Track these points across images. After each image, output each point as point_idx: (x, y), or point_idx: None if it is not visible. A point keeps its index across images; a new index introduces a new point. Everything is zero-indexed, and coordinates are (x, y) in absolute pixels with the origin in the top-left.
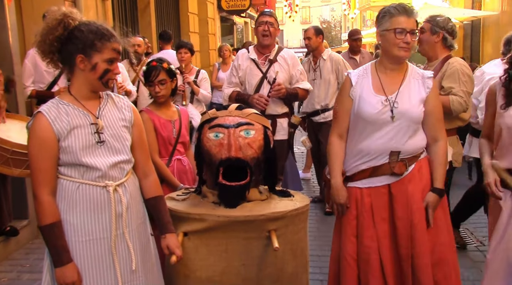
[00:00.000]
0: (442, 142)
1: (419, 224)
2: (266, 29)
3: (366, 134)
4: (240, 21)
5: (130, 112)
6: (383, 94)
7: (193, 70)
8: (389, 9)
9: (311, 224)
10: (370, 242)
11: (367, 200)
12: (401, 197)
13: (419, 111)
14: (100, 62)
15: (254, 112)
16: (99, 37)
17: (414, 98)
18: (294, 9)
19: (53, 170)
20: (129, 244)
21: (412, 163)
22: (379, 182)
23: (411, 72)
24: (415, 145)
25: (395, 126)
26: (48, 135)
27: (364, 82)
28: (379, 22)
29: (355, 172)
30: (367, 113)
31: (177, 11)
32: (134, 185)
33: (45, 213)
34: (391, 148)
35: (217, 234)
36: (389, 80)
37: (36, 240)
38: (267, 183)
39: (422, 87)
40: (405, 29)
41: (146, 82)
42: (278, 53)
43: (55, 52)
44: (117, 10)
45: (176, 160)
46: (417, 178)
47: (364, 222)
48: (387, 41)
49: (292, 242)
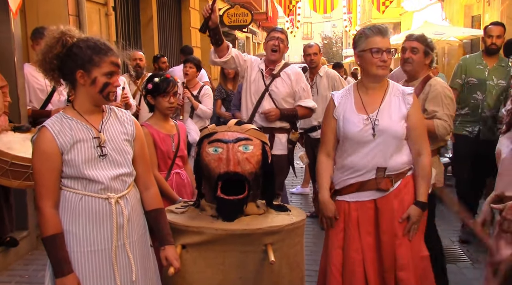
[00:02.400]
0: (425, 156)
1: (403, 238)
2: (276, 45)
3: (352, 151)
4: (241, 36)
5: (132, 126)
6: (365, 113)
7: (197, 85)
8: (364, 31)
9: (308, 239)
10: (356, 254)
11: (354, 214)
12: (387, 212)
13: (400, 127)
14: (99, 76)
15: (253, 127)
16: (96, 52)
17: (395, 114)
18: (295, 24)
19: (56, 183)
20: (129, 255)
21: (398, 179)
22: (366, 197)
23: (392, 89)
24: (400, 161)
25: (378, 143)
26: (52, 149)
27: (347, 102)
28: (356, 44)
29: (344, 186)
30: (350, 131)
31: (180, 25)
32: (135, 197)
33: (48, 225)
34: (377, 164)
35: (215, 247)
36: (370, 99)
37: (35, 251)
38: (265, 197)
39: (403, 103)
40: (381, 49)
41: (160, 93)
42: (282, 69)
43: (55, 70)
44: (120, 25)
45: (174, 174)
46: (403, 193)
47: (351, 235)
48: (365, 61)
49: (289, 256)
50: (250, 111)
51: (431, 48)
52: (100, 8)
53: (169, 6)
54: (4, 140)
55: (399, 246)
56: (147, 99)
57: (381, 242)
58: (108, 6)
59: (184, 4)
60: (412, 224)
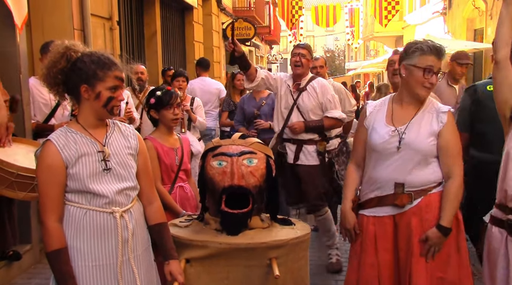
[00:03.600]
0: (454, 180)
1: (418, 258)
2: (298, 60)
3: (375, 163)
4: (245, 50)
5: (135, 140)
6: (393, 125)
7: (187, 97)
8: (422, 46)
9: (312, 253)
10: (371, 270)
11: (371, 229)
12: (404, 229)
13: (427, 143)
14: (103, 91)
15: (257, 141)
16: (100, 66)
17: (424, 130)
18: (298, 38)
19: (60, 197)
20: (134, 270)
21: (419, 197)
22: (384, 212)
23: (427, 106)
24: (423, 178)
25: (400, 157)
26: (57, 163)
27: (379, 113)
28: (408, 55)
29: (365, 200)
30: (374, 142)
31: (183, 39)
32: (139, 211)
33: (52, 239)
34: (395, 178)
35: (219, 261)
36: (402, 112)
37: (38, 265)
38: (269, 211)
39: (435, 121)
40: (433, 69)
41: (164, 106)
42: (308, 82)
43: (60, 84)
44: (125, 39)
45: (178, 187)
46: (423, 212)
47: (367, 249)
48: (413, 77)
49: (293, 270)
50: (281, 125)
51: None
52: (105, 23)
53: (172, 20)
54: (9, 152)
55: (415, 265)
56: (150, 114)
57: (399, 259)
58: (112, 20)
59: (187, 18)
60: (429, 247)
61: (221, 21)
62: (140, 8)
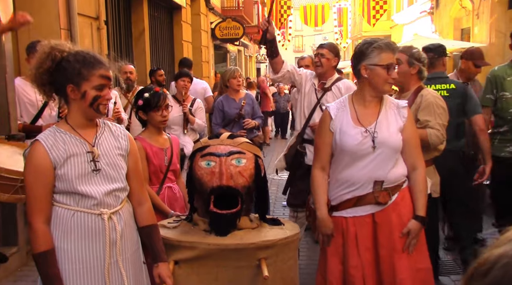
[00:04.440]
0: (420, 170)
1: (401, 253)
2: (317, 60)
3: (349, 165)
4: (233, 49)
5: (126, 140)
6: (362, 126)
7: (189, 98)
8: (379, 45)
9: (301, 252)
10: (355, 271)
11: (352, 230)
12: (385, 225)
13: (398, 139)
14: (89, 90)
15: (246, 141)
16: (85, 65)
17: (392, 127)
18: (287, 37)
19: (48, 198)
20: (122, 272)
21: (395, 192)
22: (364, 211)
23: (386, 102)
24: (397, 174)
25: (376, 156)
26: (45, 163)
27: (343, 115)
28: (366, 55)
29: (340, 202)
30: (348, 145)
31: (171, 39)
32: (128, 213)
33: (39, 241)
34: (375, 177)
35: (208, 262)
36: (367, 111)
37: (24, 267)
38: (258, 211)
39: (398, 116)
40: (393, 65)
41: (152, 108)
42: (334, 83)
43: (47, 85)
44: (112, 38)
45: (166, 187)
46: (400, 206)
47: (349, 251)
48: (376, 75)
49: (282, 270)
50: (303, 123)
51: (416, 58)
52: (92, 22)
53: (160, 20)
54: None
55: (398, 260)
56: (138, 115)
57: (380, 256)
58: (100, 20)
59: (176, 17)
60: (412, 239)
61: (209, 21)
62: (127, 7)
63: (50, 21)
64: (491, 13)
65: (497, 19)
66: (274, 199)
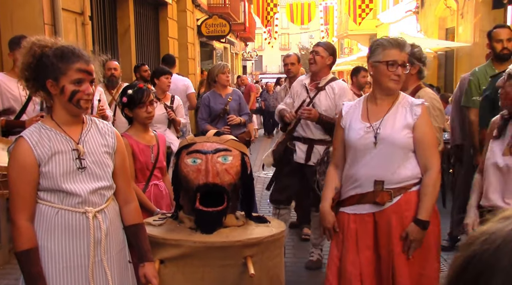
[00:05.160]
0: (432, 172)
1: (400, 256)
2: (311, 58)
3: (353, 161)
4: (219, 46)
5: (113, 138)
6: (368, 121)
7: (167, 95)
8: (382, 42)
9: (287, 250)
10: (352, 268)
11: (353, 226)
12: (384, 226)
13: (403, 136)
14: (67, 84)
15: (232, 138)
16: (62, 59)
17: (399, 124)
18: (273, 35)
19: (32, 195)
20: (107, 272)
21: (398, 194)
22: (364, 209)
23: (401, 100)
24: (402, 175)
25: (378, 153)
26: (29, 160)
27: (354, 112)
28: (371, 53)
29: (346, 198)
30: (350, 139)
31: (157, 36)
32: (114, 211)
33: (22, 239)
34: (375, 176)
35: (194, 261)
36: (377, 109)
37: (7, 266)
38: (244, 209)
39: (409, 114)
40: (397, 62)
41: (136, 105)
42: (328, 83)
43: (30, 80)
44: (97, 34)
45: (153, 185)
46: (403, 209)
47: (348, 247)
48: (379, 73)
49: (268, 268)
50: (294, 122)
51: (417, 58)
52: (77, 17)
53: (146, 16)
54: None
55: (397, 263)
56: (124, 112)
57: (380, 256)
58: (84, 15)
59: (161, 14)
60: (410, 243)
61: (195, 18)
62: (113, 3)
63: (34, 16)
64: (475, 13)
65: (481, 18)
66: (260, 196)
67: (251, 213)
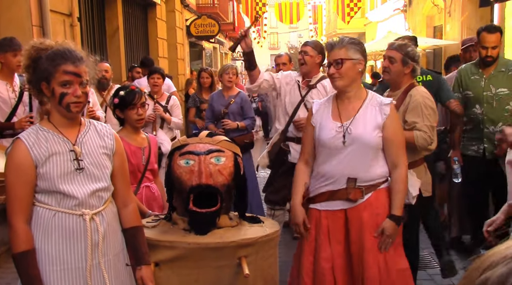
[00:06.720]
0: (401, 169)
1: (370, 251)
2: (301, 58)
3: (325, 159)
4: (209, 47)
5: (112, 140)
6: (339, 121)
7: (163, 95)
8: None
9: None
10: (326, 263)
11: (325, 223)
12: (356, 223)
13: (374, 137)
14: (56, 87)
15: (225, 139)
16: (52, 62)
17: (370, 124)
18: (262, 35)
19: (29, 197)
20: (104, 275)
21: (369, 191)
22: (336, 206)
23: (370, 99)
24: (373, 173)
25: (349, 152)
26: (26, 161)
27: (325, 110)
28: None
29: (316, 194)
30: (322, 138)
31: (146, 36)
32: (112, 213)
33: (19, 241)
34: (348, 174)
35: (188, 263)
36: (347, 107)
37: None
38: (237, 209)
39: (379, 113)
40: (330, 62)
41: (127, 107)
42: (319, 81)
43: (31, 83)
44: (86, 36)
45: (144, 187)
46: (374, 206)
47: (321, 243)
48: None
49: (263, 268)
50: (286, 121)
51: (411, 57)
52: (65, 19)
53: (135, 16)
54: None
55: (367, 258)
56: (116, 113)
57: (351, 251)
58: (73, 16)
59: (150, 14)
60: (386, 238)
61: (184, 18)
62: (101, 4)
63: (22, 17)
64: (462, 11)
65: (468, 17)
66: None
67: (245, 214)
